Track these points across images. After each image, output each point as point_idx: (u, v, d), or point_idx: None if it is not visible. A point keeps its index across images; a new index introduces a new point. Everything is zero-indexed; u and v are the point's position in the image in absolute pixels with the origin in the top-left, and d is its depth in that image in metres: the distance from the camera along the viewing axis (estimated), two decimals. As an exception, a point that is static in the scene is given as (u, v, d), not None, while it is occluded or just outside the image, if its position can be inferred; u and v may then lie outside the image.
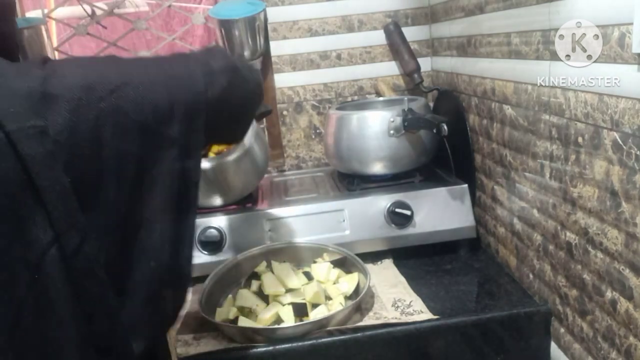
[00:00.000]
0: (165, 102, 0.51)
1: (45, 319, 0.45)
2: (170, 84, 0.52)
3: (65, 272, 0.45)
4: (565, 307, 0.77)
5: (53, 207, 0.44)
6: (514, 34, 0.82)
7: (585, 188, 0.68)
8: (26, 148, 0.43)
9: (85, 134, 0.46)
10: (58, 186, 0.45)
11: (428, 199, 1.02)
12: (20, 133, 0.43)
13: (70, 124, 0.45)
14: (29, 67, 0.47)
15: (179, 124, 0.52)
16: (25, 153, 0.43)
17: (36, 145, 0.43)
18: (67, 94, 0.45)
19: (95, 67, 0.50)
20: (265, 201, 1.09)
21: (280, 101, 1.32)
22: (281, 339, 0.78)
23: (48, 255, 0.44)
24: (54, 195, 0.44)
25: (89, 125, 0.46)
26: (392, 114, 1.03)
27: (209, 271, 0.91)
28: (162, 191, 0.52)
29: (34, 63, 0.48)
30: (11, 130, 0.42)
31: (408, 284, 0.92)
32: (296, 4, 1.27)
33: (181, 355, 0.77)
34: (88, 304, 0.47)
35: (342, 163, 1.13)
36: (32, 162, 0.43)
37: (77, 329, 0.47)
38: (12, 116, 0.43)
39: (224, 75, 0.57)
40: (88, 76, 0.48)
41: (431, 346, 0.80)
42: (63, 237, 0.45)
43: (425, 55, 1.31)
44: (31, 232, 0.44)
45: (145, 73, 0.52)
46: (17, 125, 0.43)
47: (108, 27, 1.34)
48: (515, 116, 0.84)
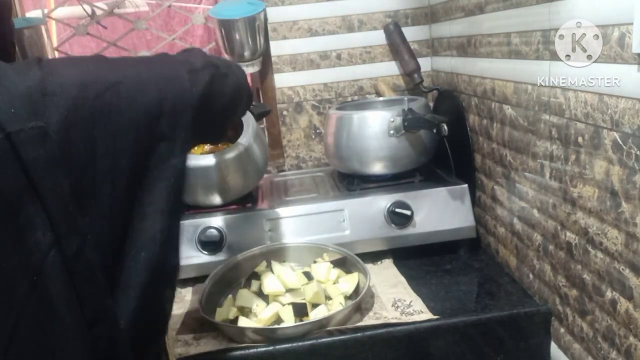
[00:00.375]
0: (155, 99, 0.52)
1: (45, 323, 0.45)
2: (158, 82, 0.54)
3: (66, 276, 0.45)
4: (565, 307, 0.77)
5: (54, 210, 0.44)
6: (514, 34, 0.82)
7: (585, 188, 0.68)
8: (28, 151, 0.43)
9: (81, 132, 0.46)
10: (59, 189, 0.44)
11: (428, 199, 1.02)
12: (21, 135, 0.42)
13: (67, 121, 0.45)
14: (26, 67, 0.47)
15: (167, 120, 0.53)
16: (27, 157, 0.43)
17: (38, 148, 0.43)
18: (64, 92, 0.45)
19: (89, 66, 0.51)
20: (265, 201, 1.09)
21: (280, 101, 1.32)
22: (281, 339, 0.78)
23: (48, 258, 0.44)
24: (55, 198, 0.44)
25: (84, 123, 0.46)
26: (392, 114, 1.03)
27: (209, 271, 0.92)
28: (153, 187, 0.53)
29: (29, 62, 0.48)
30: (12, 132, 0.42)
31: (408, 284, 0.92)
32: (296, 4, 1.27)
33: (181, 355, 0.77)
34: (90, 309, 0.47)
35: (342, 163, 1.13)
36: (34, 166, 0.43)
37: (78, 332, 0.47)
38: (12, 117, 0.42)
39: (205, 72, 0.59)
40: (83, 74, 0.48)
41: (431, 346, 0.80)
42: (63, 240, 0.45)
43: (425, 55, 1.31)
44: (31, 236, 0.43)
45: (135, 72, 0.53)
46: (18, 127, 0.42)
47: (108, 27, 1.34)
48: (515, 116, 0.84)
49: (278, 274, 0.89)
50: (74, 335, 0.47)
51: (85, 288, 0.47)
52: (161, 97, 0.53)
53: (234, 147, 0.96)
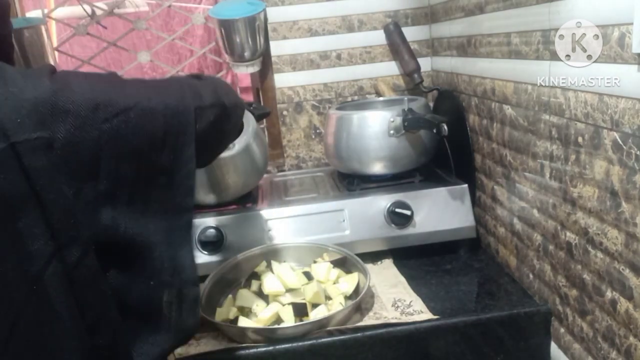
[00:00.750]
0: (160, 131, 0.53)
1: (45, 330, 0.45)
2: (166, 113, 0.54)
3: (67, 284, 0.46)
4: (565, 307, 0.77)
5: (56, 220, 0.44)
6: (514, 34, 0.82)
7: (585, 188, 0.68)
8: (31, 160, 0.43)
9: (86, 151, 0.46)
10: (61, 199, 0.45)
11: (428, 199, 1.02)
12: (25, 145, 0.42)
13: (74, 139, 0.45)
14: (37, 76, 0.47)
15: (169, 153, 0.54)
16: (30, 165, 0.43)
17: (41, 158, 0.43)
18: (74, 109, 0.46)
19: (102, 86, 0.51)
20: (265, 201, 1.09)
21: (280, 101, 1.32)
22: (281, 339, 0.78)
23: (49, 267, 0.44)
24: (57, 208, 0.44)
25: (90, 144, 0.46)
26: (392, 114, 1.03)
27: (209, 271, 0.91)
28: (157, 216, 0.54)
29: (41, 71, 0.48)
30: (16, 142, 0.42)
31: (408, 284, 0.92)
32: (296, 4, 1.27)
33: (181, 355, 0.77)
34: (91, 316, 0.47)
35: (342, 163, 1.13)
36: (36, 174, 0.43)
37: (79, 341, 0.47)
38: (18, 127, 0.42)
39: (212, 110, 0.60)
40: (96, 95, 0.48)
41: (431, 346, 0.80)
42: (65, 249, 0.45)
43: (425, 55, 1.31)
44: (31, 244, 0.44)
45: (146, 99, 0.53)
46: (23, 137, 0.42)
47: (108, 27, 1.34)
48: (515, 116, 0.84)
49: (278, 274, 0.89)
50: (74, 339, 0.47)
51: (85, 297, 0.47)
52: (166, 130, 0.53)
53: (233, 146, 0.96)
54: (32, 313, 0.44)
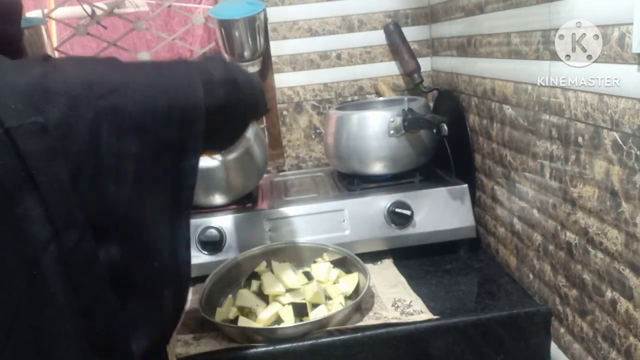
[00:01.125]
0: (164, 106, 0.51)
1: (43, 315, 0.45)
2: (170, 89, 0.53)
3: (64, 268, 0.45)
4: (565, 307, 0.77)
5: (52, 203, 0.44)
6: (514, 34, 0.82)
7: (585, 188, 0.68)
8: (26, 144, 0.43)
9: (83, 131, 0.46)
10: (58, 182, 0.45)
11: (428, 199, 1.02)
12: (20, 130, 0.42)
13: (68, 120, 0.45)
14: (29, 63, 0.47)
15: (177, 129, 0.52)
16: (25, 149, 0.43)
17: (36, 142, 0.43)
18: (66, 90, 0.45)
19: (96, 66, 0.50)
20: (265, 201, 1.09)
21: (280, 101, 1.32)
22: (281, 339, 0.78)
23: (47, 251, 0.44)
24: (54, 191, 0.44)
25: (86, 122, 0.46)
26: (392, 114, 1.03)
27: (209, 271, 0.91)
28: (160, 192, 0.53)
29: (34, 60, 0.48)
30: (11, 127, 0.42)
31: (408, 284, 0.92)
32: (296, 4, 1.27)
33: (181, 355, 0.77)
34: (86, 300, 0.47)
35: (342, 163, 1.13)
36: (31, 158, 0.43)
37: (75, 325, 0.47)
38: (12, 112, 0.43)
39: (222, 87, 0.58)
40: (88, 74, 0.48)
41: (431, 346, 0.80)
42: (62, 233, 0.45)
43: (425, 55, 1.31)
44: (29, 229, 0.44)
45: (145, 76, 0.52)
46: (18, 122, 0.42)
47: (108, 27, 1.34)
48: (515, 116, 0.84)
49: (278, 274, 0.89)
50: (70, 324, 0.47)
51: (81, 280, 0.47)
52: (171, 105, 0.52)
53: (234, 147, 0.96)
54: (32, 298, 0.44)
